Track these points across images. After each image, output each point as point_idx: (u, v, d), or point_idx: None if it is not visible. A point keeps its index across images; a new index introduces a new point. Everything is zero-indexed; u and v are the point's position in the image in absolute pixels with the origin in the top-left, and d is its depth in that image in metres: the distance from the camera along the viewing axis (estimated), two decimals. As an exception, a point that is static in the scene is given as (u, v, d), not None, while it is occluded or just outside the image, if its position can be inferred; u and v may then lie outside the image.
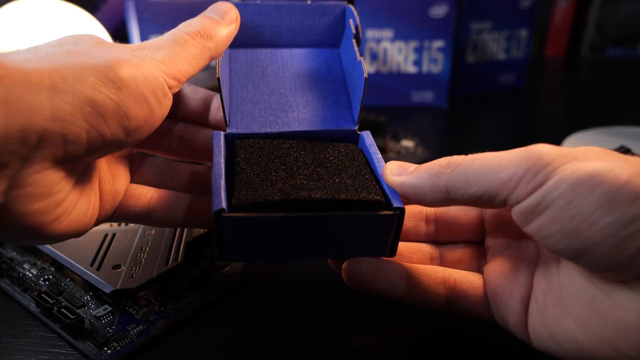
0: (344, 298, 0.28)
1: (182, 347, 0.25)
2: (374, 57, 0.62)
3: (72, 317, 0.24)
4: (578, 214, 0.17)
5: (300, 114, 0.28)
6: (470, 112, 0.64)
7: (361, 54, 0.27)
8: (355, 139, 0.27)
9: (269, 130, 0.27)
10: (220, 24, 0.26)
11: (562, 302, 0.20)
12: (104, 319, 0.26)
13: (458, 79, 0.68)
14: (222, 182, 0.22)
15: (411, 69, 0.62)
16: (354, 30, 0.28)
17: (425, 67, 0.62)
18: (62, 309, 0.25)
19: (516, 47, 0.69)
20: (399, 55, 0.62)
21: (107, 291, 0.26)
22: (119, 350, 0.24)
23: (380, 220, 0.21)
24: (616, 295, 0.18)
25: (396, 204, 0.21)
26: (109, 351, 0.24)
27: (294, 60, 0.31)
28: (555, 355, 0.20)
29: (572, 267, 0.20)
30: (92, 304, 0.27)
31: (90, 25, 0.56)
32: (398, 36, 0.61)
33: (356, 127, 0.27)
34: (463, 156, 0.21)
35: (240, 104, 0.28)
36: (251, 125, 0.27)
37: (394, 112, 0.61)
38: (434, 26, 0.59)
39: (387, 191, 0.22)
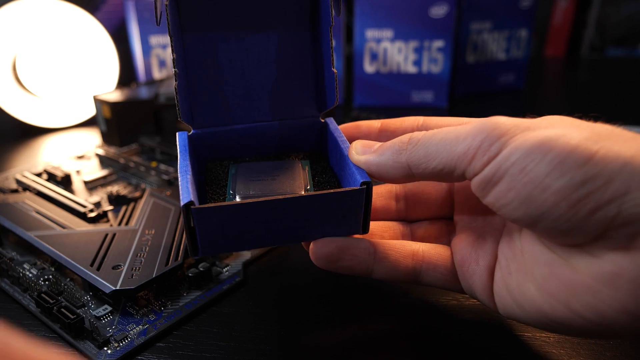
0: (344, 297, 0.28)
1: (182, 347, 0.25)
2: (374, 57, 0.62)
3: (72, 317, 0.24)
4: (531, 180, 0.17)
5: (265, 102, 0.27)
6: (470, 112, 0.64)
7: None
8: (320, 129, 0.28)
9: (234, 125, 0.27)
10: None
11: (523, 267, 0.20)
12: (104, 319, 0.26)
13: (458, 79, 0.68)
14: (189, 176, 0.22)
15: (411, 69, 0.62)
16: (332, 20, 0.25)
17: (425, 67, 0.62)
18: (62, 309, 0.25)
19: (516, 47, 0.69)
20: (399, 55, 0.62)
21: (107, 291, 0.26)
22: (119, 350, 0.24)
23: (348, 196, 0.22)
24: (573, 259, 0.18)
25: (363, 179, 0.22)
26: (109, 351, 0.24)
27: (257, 22, 0.27)
28: (518, 320, 0.21)
29: (532, 233, 0.20)
30: (92, 304, 0.27)
31: (90, 26, 0.56)
32: (398, 36, 0.61)
33: (319, 115, 0.28)
34: (425, 132, 0.21)
35: (203, 90, 0.26)
36: (216, 120, 0.27)
37: (394, 112, 0.61)
38: (434, 26, 0.59)
39: (354, 169, 0.23)
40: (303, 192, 0.24)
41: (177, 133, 0.26)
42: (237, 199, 0.23)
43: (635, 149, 0.17)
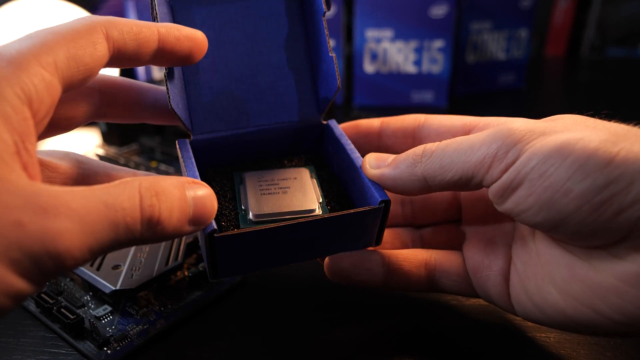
0: (345, 297, 0.28)
1: (182, 347, 0.25)
2: (374, 57, 0.62)
3: (72, 317, 0.24)
4: (552, 184, 0.17)
5: (264, 104, 0.27)
6: (470, 112, 0.63)
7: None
8: (321, 130, 0.28)
9: (235, 130, 0.26)
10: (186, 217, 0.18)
11: (542, 271, 0.20)
12: (103, 319, 0.26)
13: (458, 79, 0.68)
14: None
15: (411, 69, 0.62)
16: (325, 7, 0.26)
17: (425, 67, 0.62)
18: (62, 309, 0.25)
19: (516, 47, 0.69)
20: (399, 55, 0.62)
21: (107, 291, 0.26)
22: (119, 350, 0.24)
23: (368, 215, 0.22)
24: (595, 260, 0.18)
25: (381, 197, 0.22)
26: (109, 351, 0.24)
27: (250, 20, 0.27)
28: (540, 323, 0.21)
29: (547, 237, 0.20)
30: (92, 304, 0.27)
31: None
32: (398, 36, 0.61)
33: (321, 117, 0.27)
34: (438, 143, 0.21)
35: (199, 94, 0.26)
36: (215, 125, 0.26)
37: (394, 112, 0.60)
38: (434, 26, 0.59)
39: (370, 184, 0.23)
40: (317, 209, 0.23)
41: (177, 141, 0.25)
42: (251, 215, 0.23)
43: None
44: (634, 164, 0.16)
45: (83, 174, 0.23)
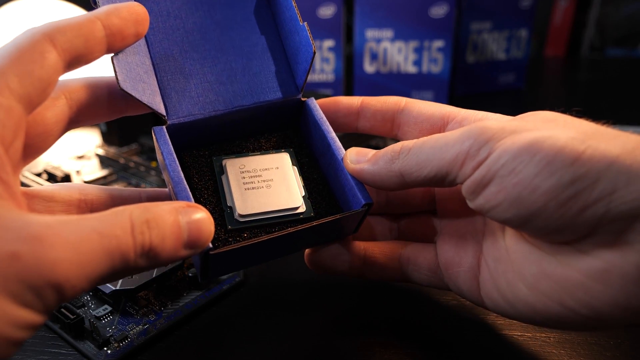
0: (343, 295, 0.28)
1: (182, 347, 0.25)
2: (374, 57, 0.62)
3: (72, 317, 0.24)
4: (520, 180, 0.18)
5: (239, 85, 0.26)
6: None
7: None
8: (299, 107, 0.27)
9: (212, 113, 0.26)
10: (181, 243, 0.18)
11: (511, 267, 0.20)
12: (104, 319, 0.26)
13: (458, 79, 0.68)
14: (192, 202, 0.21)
15: (411, 69, 0.62)
16: None
17: (425, 67, 0.62)
18: (62, 309, 0.25)
19: (516, 47, 0.69)
20: (399, 55, 0.62)
21: (107, 291, 0.26)
22: (119, 350, 0.24)
23: (351, 217, 0.23)
24: (562, 256, 0.18)
25: (365, 200, 0.23)
26: (109, 351, 0.24)
27: (216, 7, 0.27)
28: (510, 317, 0.21)
29: (516, 234, 0.20)
30: (92, 304, 0.27)
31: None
32: (398, 36, 0.61)
33: (300, 95, 0.27)
34: (415, 140, 0.21)
35: (171, 79, 0.25)
36: (192, 109, 0.25)
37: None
38: (434, 26, 0.59)
39: (352, 182, 0.23)
40: (302, 206, 0.24)
41: (153, 129, 0.24)
42: (236, 215, 0.23)
43: (620, 147, 0.17)
44: (600, 162, 0.16)
45: (85, 200, 0.23)
